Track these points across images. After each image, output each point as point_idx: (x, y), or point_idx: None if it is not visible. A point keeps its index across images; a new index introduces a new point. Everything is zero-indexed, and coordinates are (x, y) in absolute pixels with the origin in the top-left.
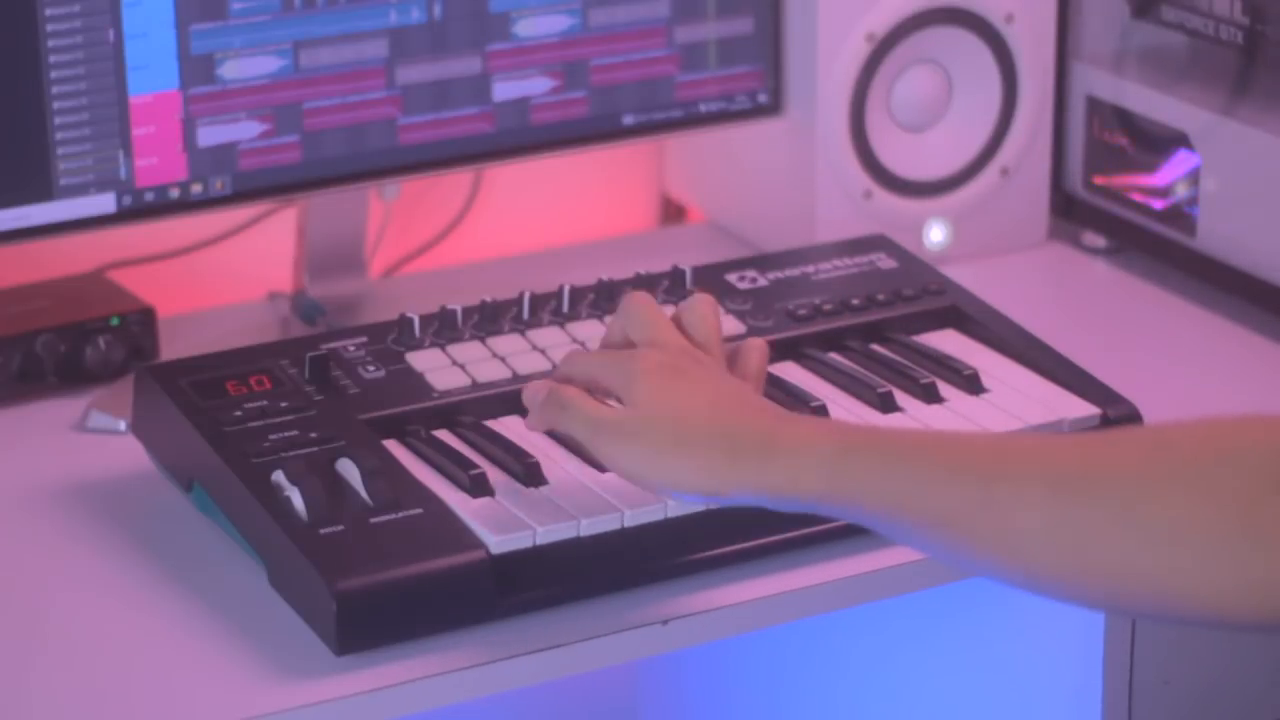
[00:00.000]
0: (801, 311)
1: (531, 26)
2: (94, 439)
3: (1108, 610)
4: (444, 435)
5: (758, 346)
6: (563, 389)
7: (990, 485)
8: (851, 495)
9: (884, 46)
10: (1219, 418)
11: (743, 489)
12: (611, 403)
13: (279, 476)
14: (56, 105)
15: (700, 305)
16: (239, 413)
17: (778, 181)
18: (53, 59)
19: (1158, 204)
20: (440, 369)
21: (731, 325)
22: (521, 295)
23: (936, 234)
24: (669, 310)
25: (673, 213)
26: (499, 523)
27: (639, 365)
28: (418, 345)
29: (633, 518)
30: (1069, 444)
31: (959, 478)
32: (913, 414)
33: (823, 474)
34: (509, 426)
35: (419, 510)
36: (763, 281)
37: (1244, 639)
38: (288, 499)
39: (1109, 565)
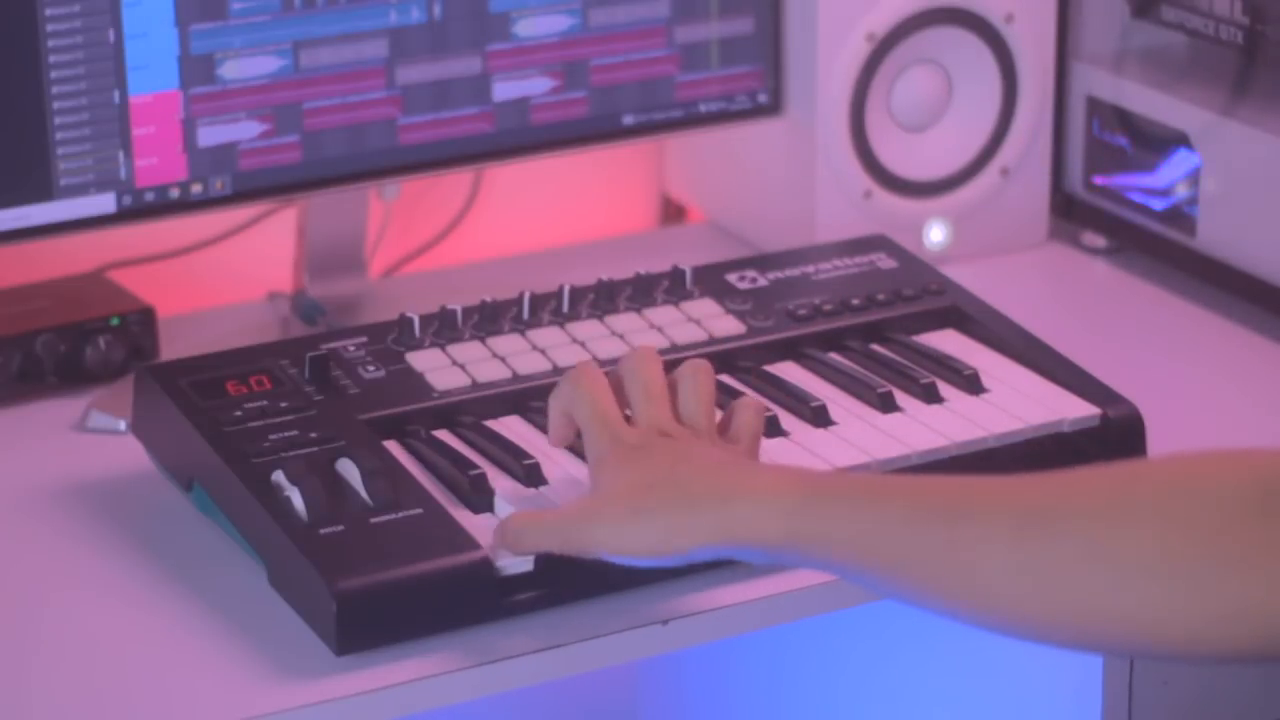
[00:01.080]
0: (801, 311)
1: (531, 26)
2: (94, 439)
3: (1076, 649)
4: (444, 435)
5: (753, 406)
6: (512, 519)
7: (954, 527)
8: (815, 541)
9: (884, 46)
10: (1184, 453)
11: (705, 543)
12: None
13: (279, 476)
14: (56, 105)
15: (695, 376)
16: (239, 413)
17: (778, 181)
18: (53, 59)
19: (1158, 204)
20: (440, 369)
21: (732, 325)
22: (521, 295)
23: (936, 234)
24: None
25: (673, 213)
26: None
27: (609, 450)
28: (418, 345)
29: None
30: (1034, 482)
31: (923, 520)
32: (913, 414)
33: (785, 520)
34: (509, 426)
35: (419, 510)
36: (763, 281)
37: None
38: (288, 499)
39: (1078, 604)
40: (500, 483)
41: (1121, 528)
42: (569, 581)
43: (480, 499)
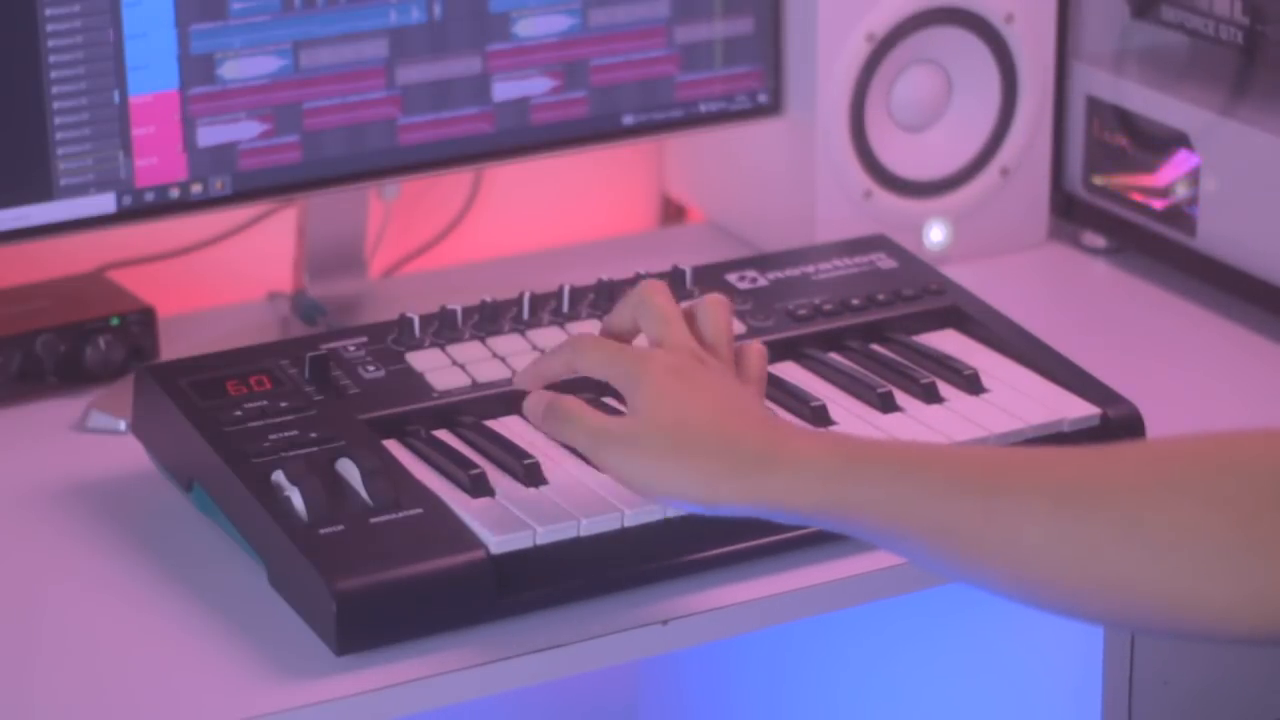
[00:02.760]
0: (801, 311)
1: (531, 26)
2: (94, 439)
3: (1109, 624)
4: (444, 435)
5: (757, 351)
6: (563, 401)
7: (992, 498)
8: (852, 508)
9: (884, 46)
10: (1220, 431)
11: (741, 500)
12: (612, 401)
13: (279, 476)
14: (56, 105)
15: (714, 306)
16: (239, 413)
17: (778, 181)
18: (53, 59)
19: (1158, 204)
20: (440, 369)
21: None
22: (521, 295)
23: (936, 234)
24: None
25: (673, 213)
26: (499, 523)
27: (644, 369)
28: (418, 345)
29: (633, 518)
30: (1072, 456)
31: (961, 491)
32: (913, 414)
33: (824, 487)
34: (509, 426)
35: (419, 510)
36: (763, 281)
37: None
38: (288, 499)
39: (1111, 577)
40: (500, 482)
41: (1159, 504)
42: (569, 581)
43: (480, 499)
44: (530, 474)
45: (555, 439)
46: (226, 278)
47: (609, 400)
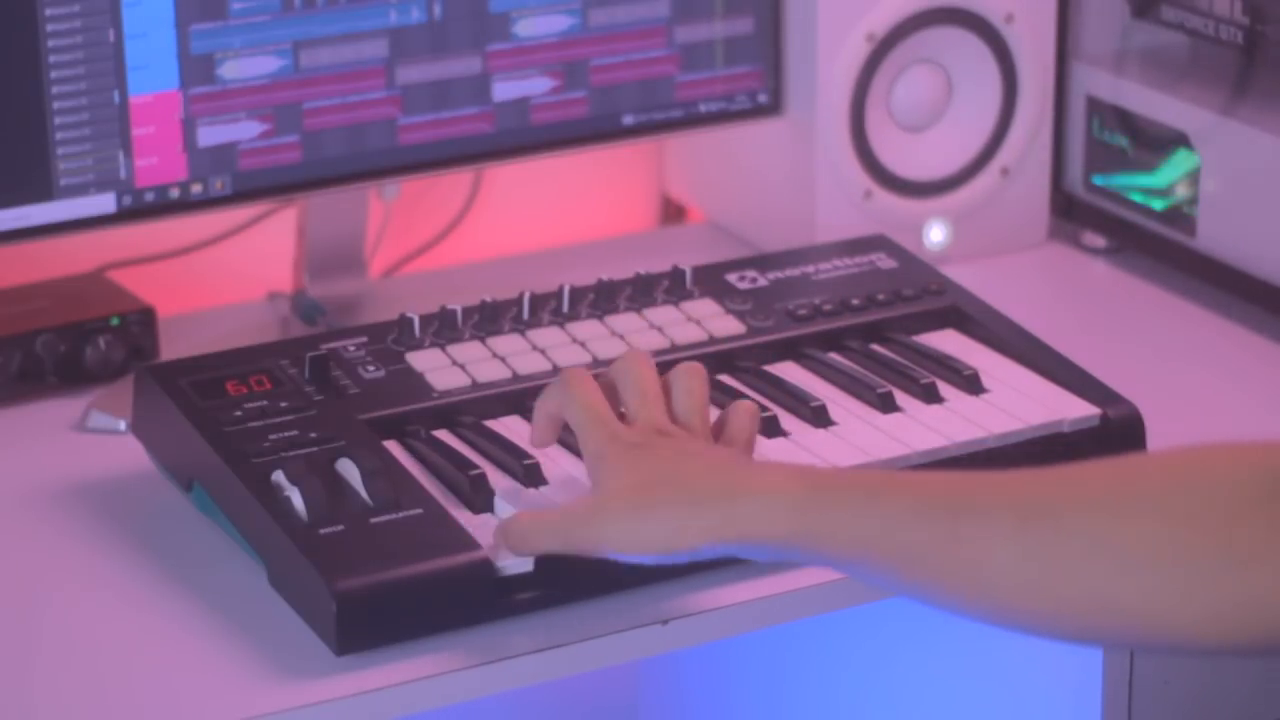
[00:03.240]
0: (801, 311)
1: (531, 26)
2: (94, 439)
3: (1081, 642)
4: (444, 435)
5: (747, 410)
6: (515, 518)
7: (958, 521)
8: (820, 537)
9: (884, 46)
10: (1188, 446)
11: (710, 540)
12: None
13: (279, 476)
14: (56, 105)
15: (687, 378)
16: (239, 413)
17: (778, 181)
18: (53, 59)
19: (1158, 204)
20: (440, 369)
21: (732, 325)
22: (521, 295)
23: (936, 234)
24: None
25: (673, 213)
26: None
27: (607, 448)
28: (418, 345)
29: None
30: (1037, 476)
31: (927, 514)
32: (913, 414)
33: (790, 516)
34: (509, 426)
35: (419, 510)
36: (763, 281)
37: None
38: (288, 499)
39: (1082, 596)
40: (500, 483)
41: (1126, 520)
42: (569, 581)
43: (480, 499)
44: (530, 474)
45: (531, 554)
46: (226, 278)
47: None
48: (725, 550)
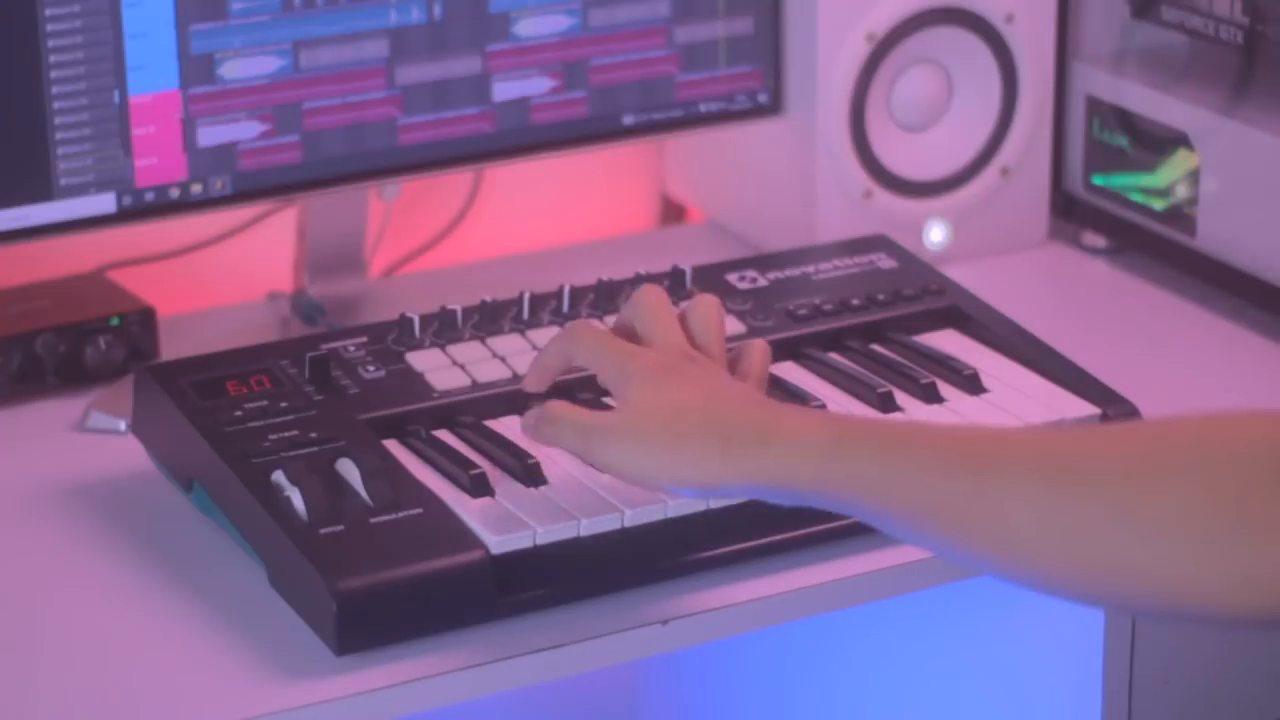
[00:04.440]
0: (801, 311)
1: (531, 26)
2: (94, 439)
3: (1099, 605)
4: (444, 435)
5: (759, 347)
6: (550, 404)
7: (982, 477)
8: (845, 485)
9: (884, 46)
10: (1212, 413)
11: (737, 479)
12: (610, 402)
13: (279, 476)
14: (56, 105)
15: (704, 306)
16: (239, 413)
17: (778, 181)
18: (53, 59)
19: (1158, 204)
20: (440, 369)
21: (732, 325)
22: (521, 295)
23: (936, 234)
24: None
25: (673, 213)
26: (499, 523)
27: (633, 365)
28: (418, 345)
29: (633, 518)
30: (1063, 438)
31: (952, 469)
32: (913, 414)
33: (817, 463)
34: (509, 426)
35: (419, 510)
36: (763, 281)
37: (1243, 638)
38: (288, 499)
39: (1103, 559)
40: (500, 483)
41: (1147, 487)
42: (569, 581)
43: (480, 498)
44: (530, 474)
45: (549, 444)
46: (226, 278)
47: (607, 401)
48: (746, 491)
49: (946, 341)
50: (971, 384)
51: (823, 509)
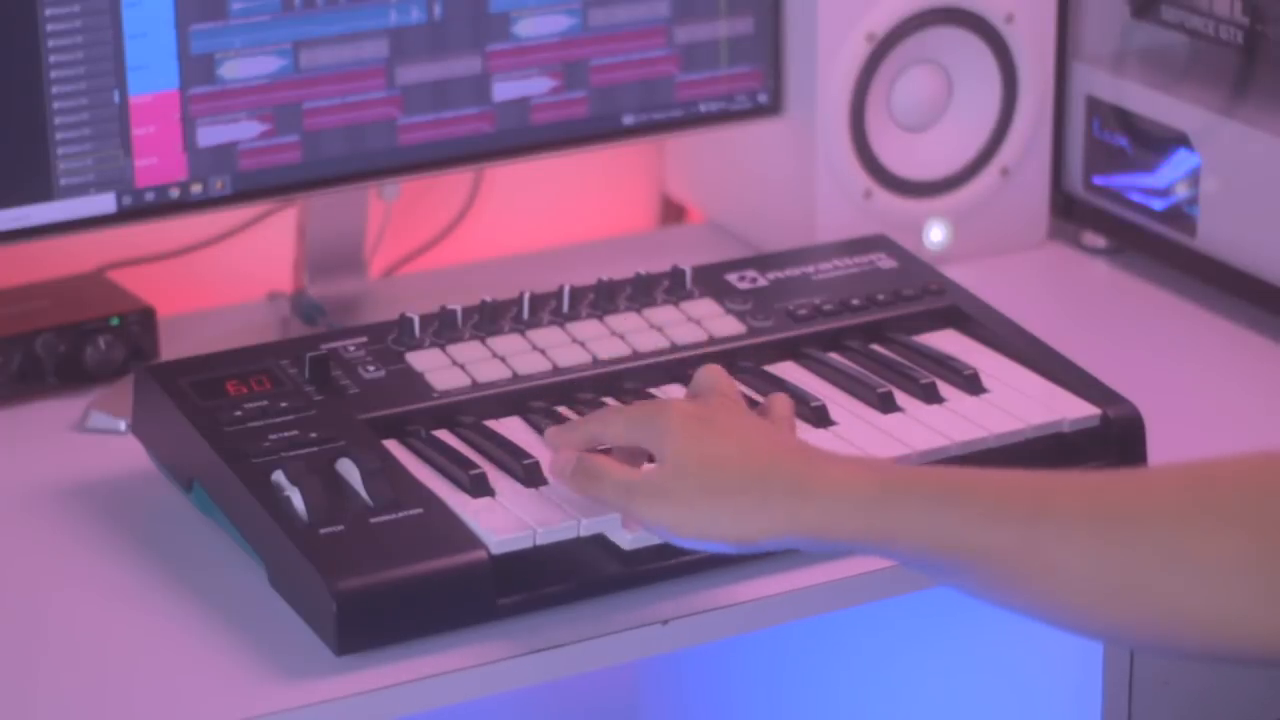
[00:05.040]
0: (801, 311)
1: (531, 26)
2: (94, 439)
3: (1153, 651)
4: (444, 435)
5: (781, 399)
6: (591, 458)
7: (1034, 525)
8: (891, 536)
9: (884, 46)
10: (1259, 453)
11: (777, 533)
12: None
13: (279, 476)
14: (56, 105)
15: (711, 371)
16: (239, 413)
17: (778, 181)
18: (53, 59)
19: (1158, 204)
20: (440, 369)
21: (732, 325)
22: (521, 295)
23: (936, 234)
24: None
25: (673, 213)
26: (499, 523)
27: (668, 419)
28: (418, 345)
29: None
30: (1111, 482)
31: (1001, 517)
32: (913, 414)
33: (862, 515)
34: (509, 426)
35: (419, 510)
36: (763, 281)
37: None
38: (288, 499)
39: (1155, 605)
40: (500, 482)
41: (1201, 531)
42: (569, 581)
43: (480, 499)
44: (530, 474)
45: (584, 495)
46: (226, 278)
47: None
48: (788, 544)
49: (946, 341)
50: (971, 384)
51: (865, 555)
